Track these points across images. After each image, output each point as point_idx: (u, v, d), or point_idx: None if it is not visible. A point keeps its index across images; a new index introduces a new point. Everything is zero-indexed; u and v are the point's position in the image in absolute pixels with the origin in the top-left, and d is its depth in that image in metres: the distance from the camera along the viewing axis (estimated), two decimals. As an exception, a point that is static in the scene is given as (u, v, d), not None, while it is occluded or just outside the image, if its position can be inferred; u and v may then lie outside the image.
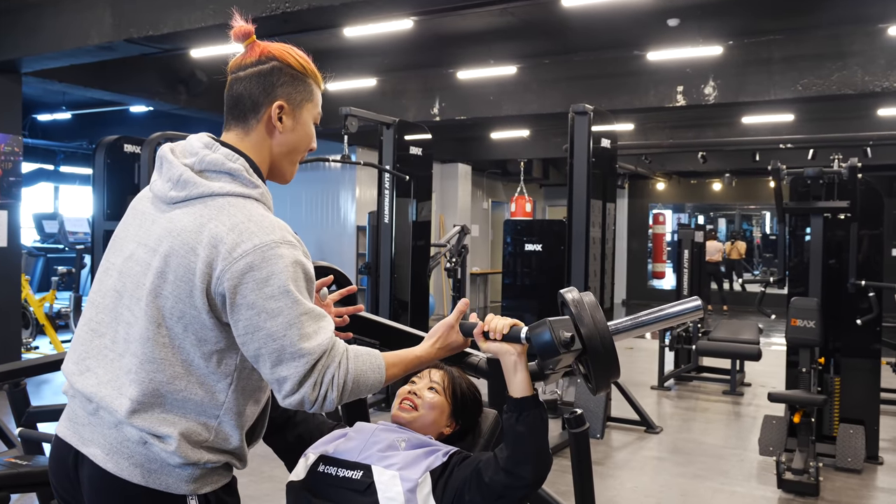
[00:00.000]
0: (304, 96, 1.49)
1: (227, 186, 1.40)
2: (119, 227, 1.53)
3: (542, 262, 7.23)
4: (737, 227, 24.00)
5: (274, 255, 1.33)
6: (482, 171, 14.24)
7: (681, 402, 6.54)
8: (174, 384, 1.36)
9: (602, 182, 5.30)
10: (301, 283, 1.37)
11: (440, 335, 1.59)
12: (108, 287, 1.46)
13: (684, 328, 6.91)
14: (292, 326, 1.33)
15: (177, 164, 1.43)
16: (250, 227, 1.35)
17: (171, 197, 1.41)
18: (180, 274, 1.35)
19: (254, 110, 1.46)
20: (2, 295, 6.14)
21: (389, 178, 5.97)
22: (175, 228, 1.38)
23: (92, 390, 1.40)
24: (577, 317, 1.56)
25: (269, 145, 1.48)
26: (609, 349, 1.56)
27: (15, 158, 6.17)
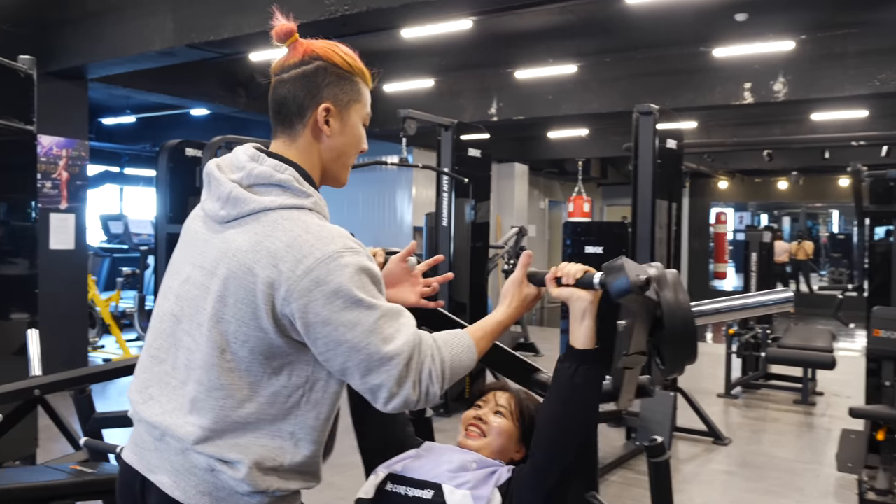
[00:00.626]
0: (351, 96, 1.41)
1: (279, 199, 1.33)
2: (176, 249, 1.48)
3: (601, 262, 7.07)
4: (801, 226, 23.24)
5: (338, 266, 1.26)
6: (539, 171, 14.07)
7: (749, 411, 6.30)
8: (244, 408, 1.31)
9: (667, 184, 5.12)
10: (370, 287, 1.30)
11: (512, 293, 1.54)
12: (165, 311, 1.41)
13: (753, 335, 6.65)
14: (373, 333, 1.26)
15: (224, 180, 1.36)
16: (309, 241, 1.27)
17: (222, 216, 1.35)
18: (241, 297, 1.29)
19: (299, 114, 1.39)
20: (69, 296, 6.28)
21: (448, 180, 5.89)
22: (230, 249, 1.31)
23: (157, 419, 1.35)
24: (657, 290, 1.45)
25: (317, 150, 1.41)
26: (688, 327, 1.44)
27: (81, 163, 6.30)
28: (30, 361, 3.25)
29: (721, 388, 6.76)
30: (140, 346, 8.54)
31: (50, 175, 6.05)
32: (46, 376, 3.20)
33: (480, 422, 1.72)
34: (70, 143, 6.20)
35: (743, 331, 6.67)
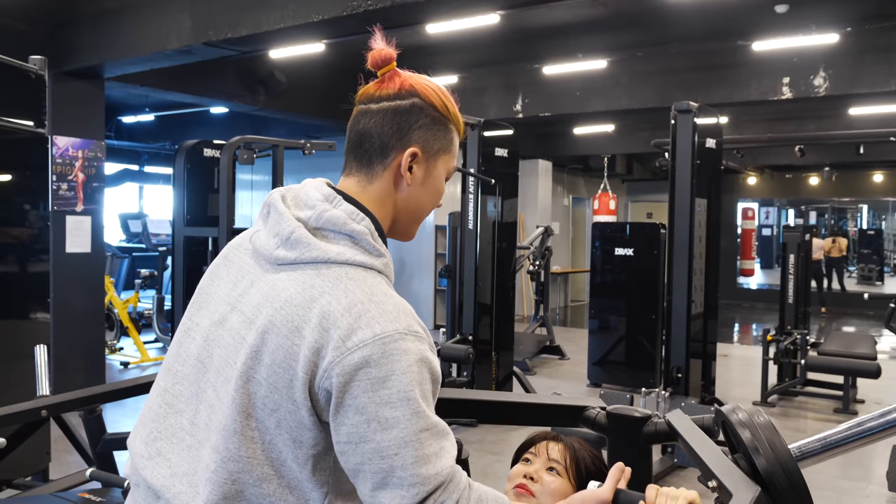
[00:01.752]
0: (442, 145, 1.22)
1: (347, 253, 1.13)
2: (207, 277, 1.27)
3: (632, 266, 6.84)
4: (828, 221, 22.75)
5: (397, 350, 1.05)
6: (563, 167, 13.81)
7: (787, 421, 6.03)
8: (261, 487, 1.10)
9: (706, 185, 4.87)
10: (427, 386, 1.09)
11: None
12: (190, 353, 1.20)
13: (791, 341, 6.38)
14: (408, 444, 1.05)
15: (288, 216, 1.16)
16: (370, 311, 1.07)
17: (277, 257, 1.15)
18: (279, 358, 1.08)
19: (381, 154, 1.19)
20: (86, 299, 6.15)
21: (474, 180, 5.68)
22: (278, 298, 1.11)
23: (162, 483, 1.15)
24: (751, 446, 1.28)
25: (393, 199, 1.22)
26: (797, 486, 1.25)
27: (98, 164, 6.16)
28: (38, 379, 3.09)
29: (756, 394, 6.51)
30: (158, 349, 8.43)
31: (66, 177, 5.91)
32: (55, 396, 3.04)
33: (531, 481, 1.51)
34: (86, 144, 6.06)
35: (781, 336, 6.40)
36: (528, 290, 11.10)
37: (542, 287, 8.55)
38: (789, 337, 6.43)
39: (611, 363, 7.00)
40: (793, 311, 6.75)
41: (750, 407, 1.39)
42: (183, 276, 6.07)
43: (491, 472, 4.48)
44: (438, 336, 5.86)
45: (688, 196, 4.70)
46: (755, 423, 1.32)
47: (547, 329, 8.47)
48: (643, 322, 6.78)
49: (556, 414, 2.10)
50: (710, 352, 5.19)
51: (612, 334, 6.98)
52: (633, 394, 4.62)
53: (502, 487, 1.67)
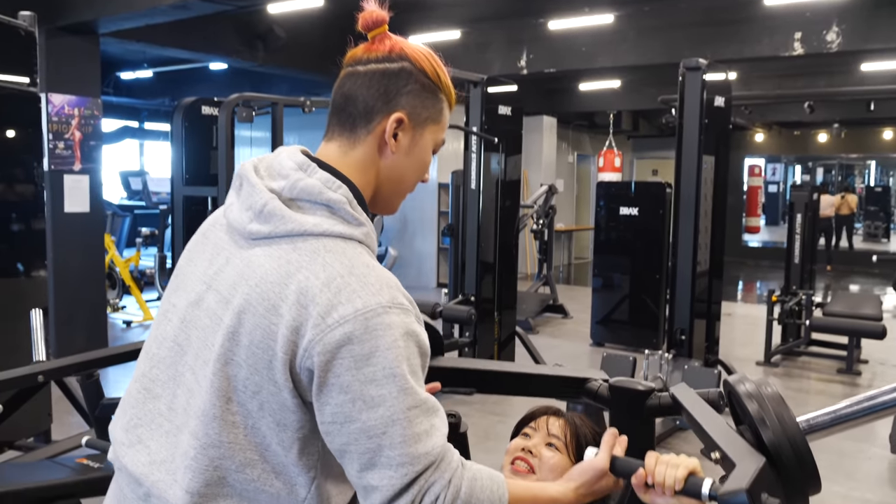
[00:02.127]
0: (430, 114, 1.16)
1: (325, 224, 1.07)
2: (184, 255, 1.22)
3: (637, 225, 6.76)
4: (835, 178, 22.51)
5: (380, 325, 1.00)
6: (568, 124, 13.62)
7: (790, 381, 6.02)
8: (245, 473, 1.06)
9: (714, 143, 4.76)
10: (415, 361, 1.04)
11: (586, 481, 1.24)
12: (167, 335, 1.15)
13: (797, 301, 6.33)
14: (396, 423, 1.00)
15: (261, 188, 1.10)
16: (351, 284, 1.02)
17: (251, 231, 1.09)
18: (257, 338, 1.03)
19: (366, 118, 1.13)
20: (86, 259, 6.11)
21: (476, 139, 5.57)
22: (254, 276, 1.06)
23: (142, 471, 1.11)
24: (757, 417, 1.23)
25: (376, 167, 1.16)
26: (804, 460, 1.20)
27: (95, 122, 6.06)
28: (34, 344, 3.06)
29: (759, 354, 6.49)
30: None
31: (62, 135, 5.82)
32: (51, 361, 3.02)
33: (529, 455, 1.46)
34: (82, 102, 5.95)
35: (786, 297, 6.35)
36: (531, 248, 11.04)
37: (546, 246, 8.49)
38: (794, 297, 6.38)
39: (614, 322, 6.97)
40: (798, 271, 6.69)
41: (758, 377, 1.34)
42: (183, 237, 6.01)
43: (493, 433, 4.48)
44: (440, 297, 5.81)
45: (695, 155, 4.60)
46: (763, 394, 1.27)
47: (550, 288, 8.44)
48: (647, 281, 6.73)
49: (557, 385, 2.06)
50: (714, 312, 5.14)
51: (616, 293, 6.94)
52: (636, 356, 4.59)
53: (503, 449, 1.64)
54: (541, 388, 2.10)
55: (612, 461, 1.24)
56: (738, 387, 1.35)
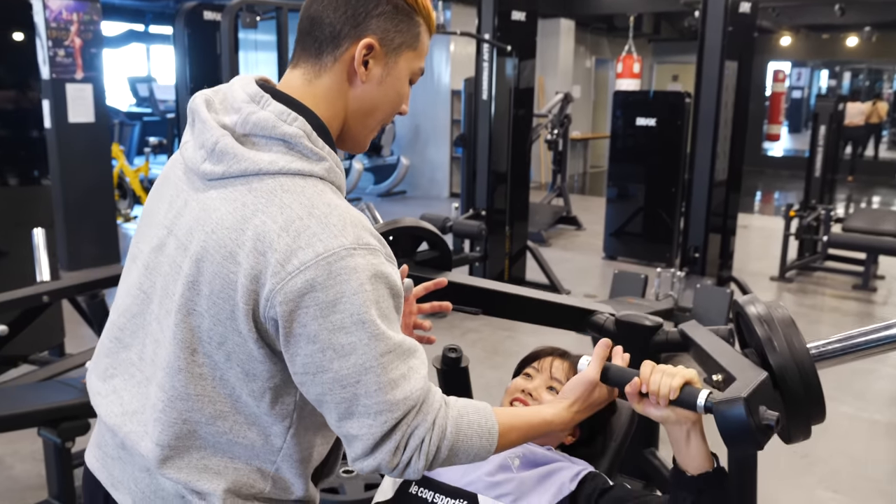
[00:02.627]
0: (405, 40, 1.05)
1: (281, 161, 0.98)
2: (150, 197, 1.15)
3: (654, 136, 6.58)
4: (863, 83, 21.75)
5: (345, 269, 0.93)
6: (586, 27, 13.12)
7: (804, 298, 5.96)
8: (216, 425, 1.03)
9: (737, 51, 4.54)
10: (386, 304, 0.97)
11: (579, 395, 1.19)
12: (132, 283, 1.10)
13: (815, 216, 6.19)
14: (369, 370, 0.95)
15: (211, 124, 1.02)
16: (311, 227, 0.94)
17: (204, 171, 1.01)
18: (217, 287, 0.97)
19: (332, 43, 1.03)
20: (94, 171, 6.03)
21: (489, 47, 5.35)
22: (209, 221, 0.99)
23: (114, 421, 1.08)
24: (765, 340, 1.19)
25: (345, 98, 1.06)
26: (811, 385, 1.16)
27: (94, 27, 5.86)
28: (37, 265, 3.03)
29: (774, 269, 6.42)
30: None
31: (62, 42, 5.64)
32: (55, 282, 3.00)
33: (530, 397, 1.42)
34: (81, 6, 5.74)
35: (804, 212, 6.21)
36: (545, 158, 10.84)
37: (560, 157, 8.32)
38: (813, 212, 6.24)
39: (628, 235, 6.89)
40: (819, 184, 6.53)
41: (769, 300, 1.28)
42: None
43: (501, 349, 4.49)
44: (451, 209, 5.73)
45: (717, 61, 4.39)
46: (773, 316, 1.23)
47: (564, 200, 8.32)
48: (663, 195, 6.60)
49: (563, 314, 2.00)
50: (730, 226, 5.05)
51: (630, 206, 6.83)
52: (647, 273, 4.54)
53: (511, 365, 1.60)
54: (546, 317, 2.05)
55: (605, 370, 1.19)
56: (747, 308, 1.29)
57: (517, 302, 1.98)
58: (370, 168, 10.10)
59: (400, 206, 9.63)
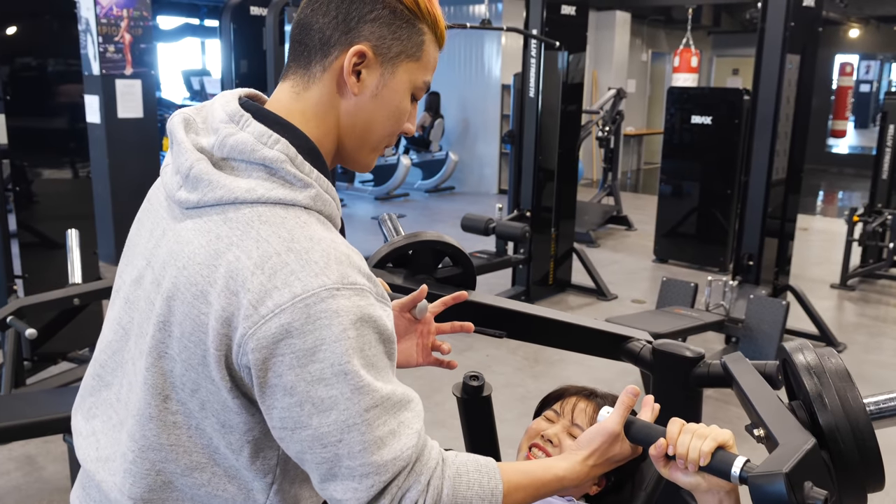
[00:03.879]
0: (405, 48, 0.94)
1: (260, 188, 0.88)
2: (134, 224, 1.06)
3: (710, 136, 6.32)
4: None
5: (325, 312, 0.83)
6: (643, 19, 12.78)
7: (867, 307, 5.66)
8: (193, 476, 0.94)
9: (800, 50, 4.29)
10: (373, 351, 0.87)
11: (596, 448, 1.05)
12: (115, 315, 1.02)
13: (881, 221, 5.87)
14: (352, 428, 0.85)
15: (187, 147, 0.92)
16: (288, 264, 0.84)
17: (180, 199, 0.92)
18: (188, 329, 0.88)
19: (322, 51, 0.93)
20: (143, 166, 6.09)
21: (537, 43, 5.20)
22: (181, 255, 0.89)
23: (90, 466, 1.01)
24: (814, 395, 1.05)
25: (336, 111, 0.95)
26: (866, 448, 1.02)
27: (145, 24, 5.90)
28: (70, 266, 3.03)
29: (834, 275, 6.12)
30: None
31: (112, 38, 5.69)
32: (86, 284, 2.99)
33: (550, 444, 1.29)
34: (131, 3, 5.78)
35: (869, 217, 5.89)
36: (597, 154, 10.60)
37: (612, 154, 8.09)
38: (879, 217, 5.91)
39: (680, 237, 6.65)
40: (886, 187, 6.18)
41: (823, 349, 1.14)
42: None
43: (543, 357, 4.35)
44: (494, 212, 5.60)
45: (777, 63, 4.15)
46: (824, 367, 1.09)
47: (615, 199, 8.10)
48: (718, 196, 6.34)
49: (595, 340, 1.86)
50: (788, 230, 4.79)
51: (684, 207, 6.58)
52: (697, 282, 4.34)
53: (553, 375, 1.47)
54: (577, 342, 1.91)
55: (628, 425, 1.06)
56: (794, 357, 1.15)
57: (545, 325, 1.85)
58: (418, 163, 10.02)
59: (448, 202, 9.53)
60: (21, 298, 2.86)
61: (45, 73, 3.85)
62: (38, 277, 3.74)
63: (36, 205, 3.87)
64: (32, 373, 3.46)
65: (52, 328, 2.98)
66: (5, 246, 3.72)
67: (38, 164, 3.89)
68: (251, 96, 0.99)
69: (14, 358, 2.71)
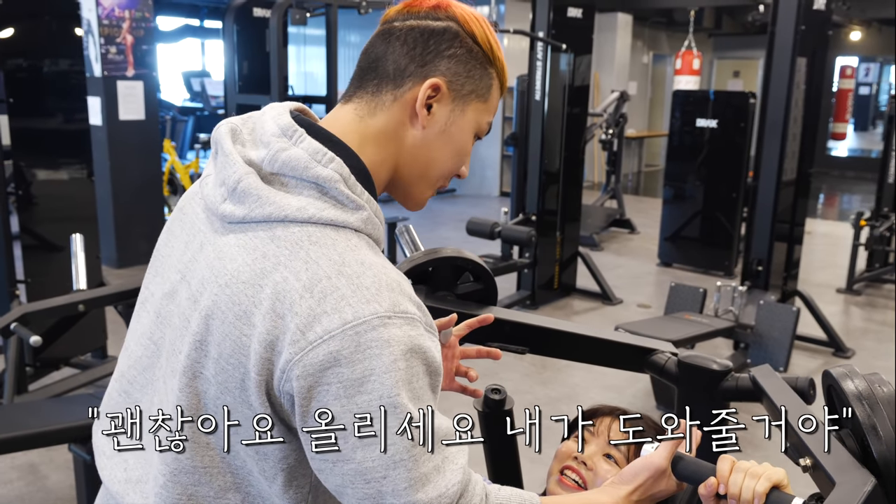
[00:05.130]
0: (476, 88, 0.93)
1: (311, 207, 0.85)
2: (164, 233, 1.02)
3: (715, 139, 6.29)
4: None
5: (376, 341, 0.80)
6: (644, 21, 12.75)
7: (874, 312, 5.62)
8: (226, 498, 0.90)
9: (810, 56, 4.25)
10: (420, 383, 0.83)
11: (642, 483, 1.01)
12: (144, 331, 0.97)
13: (888, 226, 5.83)
14: (399, 465, 0.81)
15: (235, 159, 0.88)
16: (339, 288, 0.81)
17: (223, 213, 0.88)
18: (227, 351, 0.84)
19: (395, 81, 0.91)
20: (144, 168, 6.05)
21: (542, 45, 5.16)
22: (224, 272, 0.85)
23: (117, 489, 0.96)
24: (867, 425, 1.00)
25: (399, 141, 0.93)
26: None
27: (147, 25, 5.85)
28: (74, 271, 2.98)
29: (840, 280, 6.08)
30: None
31: (114, 39, 5.65)
32: (91, 290, 2.94)
33: (584, 466, 1.24)
34: (133, 3, 5.73)
35: (876, 221, 5.85)
36: (599, 157, 10.56)
37: (615, 157, 8.06)
38: (886, 221, 5.88)
39: (684, 240, 6.61)
40: (892, 190, 6.15)
41: (871, 375, 1.09)
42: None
43: (551, 363, 4.30)
44: (500, 213, 5.56)
45: (787, 67, 4.12)
46: (876, 395, 1.04)
47: (618, 202, 8.06)
48: (723, 199, 6.30)
49: (619, 354, 1.82)
50: (797, 234, 4.75)
51: (688, 211, 6.54)
52: (705, 287, 4.30)
53: (560, 381, 1.43)
54: (599, 356, 1.87)
55: (676, 461, 1.02)
56: (843, 382, 1.10)
57: (567, 340, 1.80)
58: (420, 165, 9.97)
59: (449, 205, 9.48)
60: (25, 305, 2.81)
61: (47, 75, 3.80)
62: (40, 281, 3.69)
63: (37, 207, 3.82)
64: (34, 379, 3.41)
65: (55, 333, 2.93)
66: (7, 249, 3.67)
67: (40, 165, 3.84)
68: (301, 111, 0.96)
69: (17, 365, 2.66)
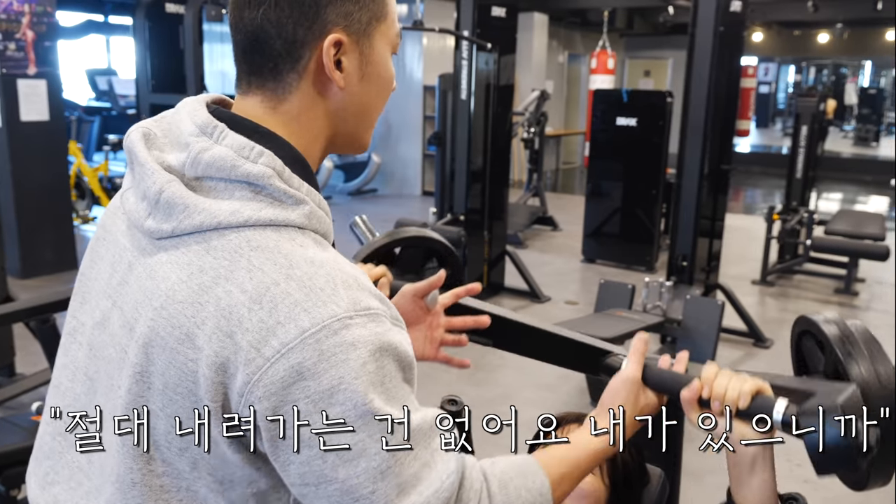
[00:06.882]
0: (372, 13, 0.82)
1: (246, 209, 0.76)
2: (87, 255, 0.91)
3: (635, 137, 6.42)
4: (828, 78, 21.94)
5: (340, 346, 0.72)
6: (559, 21, 12.95)
7: (787, 303, 5.86)
8: None
9: (728, 58, 4.38)
10: (393, 382, 0.76)
11: (625, 397, 0.97)
12: (78, 365, 0.87)
13: (798, 220, 6.09)
14: (385, 474, 0.74)
15: (152, 167, 0.78)
16: (290, 294, 0.73)
17: (149, 229, 0.78)
18: (172, 381, 0.75)
19: (289, 56, 0.80)
20: (49, 172, 5.69)
21: (468, 44, 5.14)
22: (158, 293, 0.76)
23: None
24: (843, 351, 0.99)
25: (324, 112, 0.83)
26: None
27: (49, 20, 5.52)
28: (-20, 286, 2.76)
29: (754, 272, 6.31)
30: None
31: (13, 35, 5.29)
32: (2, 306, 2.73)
33: None
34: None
35: (787, 215, 6.10)
36: (521, 157, 10.66)
37: (537, 155, 8.14)
38: (795, 215, 6.14)
39: (606, 237, 6.73)
40: (800, 186, 6.43)
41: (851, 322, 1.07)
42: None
43: (483, 363, 4.29)
44: (427, 211, 5.51)
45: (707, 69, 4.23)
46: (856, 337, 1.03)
47: (540, 199, 8.15)
48: (643, 196, 6.44)
49: (574, 352, 1.79)
50: (717, 229, 4.90)
51: (609, 207, 6.66)
52: (633, 284, 4.37)
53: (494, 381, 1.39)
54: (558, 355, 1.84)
55: (647, 369, 0.98)
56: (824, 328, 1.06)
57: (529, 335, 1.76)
58: (340, 166, 9.82)
59: (371, 205, 9.37)
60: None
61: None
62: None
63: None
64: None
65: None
66: None
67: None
68: (219, 102, 0.86)
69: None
